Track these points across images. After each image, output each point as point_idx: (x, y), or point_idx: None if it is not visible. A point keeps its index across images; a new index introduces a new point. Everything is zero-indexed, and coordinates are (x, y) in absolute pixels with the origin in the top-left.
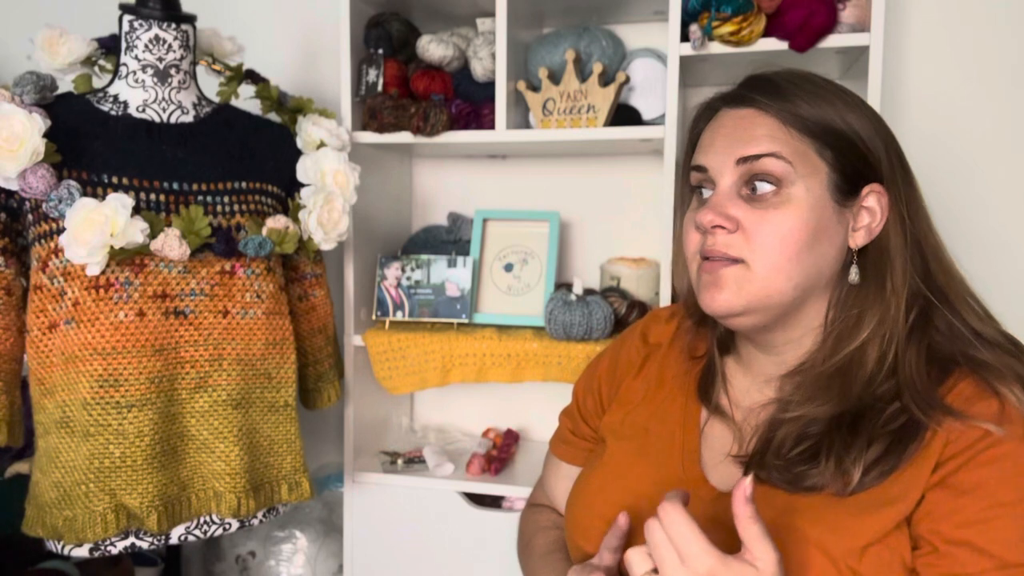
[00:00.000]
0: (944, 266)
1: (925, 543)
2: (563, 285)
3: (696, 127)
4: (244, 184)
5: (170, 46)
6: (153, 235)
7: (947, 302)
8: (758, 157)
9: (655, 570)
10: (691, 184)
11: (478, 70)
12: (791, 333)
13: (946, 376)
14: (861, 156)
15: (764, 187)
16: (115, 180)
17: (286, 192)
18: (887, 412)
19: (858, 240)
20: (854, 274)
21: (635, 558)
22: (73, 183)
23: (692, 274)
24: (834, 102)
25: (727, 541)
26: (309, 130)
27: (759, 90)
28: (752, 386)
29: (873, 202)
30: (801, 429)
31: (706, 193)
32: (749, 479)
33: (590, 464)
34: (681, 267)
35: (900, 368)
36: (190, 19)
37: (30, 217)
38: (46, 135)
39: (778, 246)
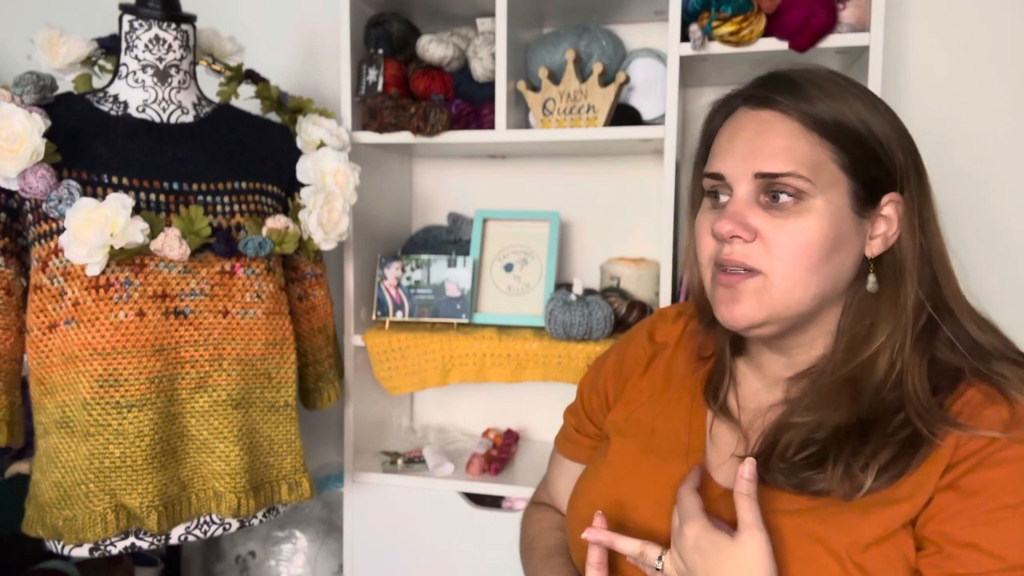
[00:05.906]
0: (949, 277)
1: (930, 544)
2: (563, 285)
3: (711, 123)
4: (244, 184)
5: (170, 46)
6: (153, 235)
7: (952, 313)
8: (776, 176)
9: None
10: (704, 188)
11: (478, 70)
12: (804, 337)
13: (955, 384)
14: (880, 164)
15: (785, 197)
16: (115, 180)
17: (286, 192)
18: (894, 422)
19: (874, 249)
20: (871, 283)
21: (647, 550)
22: (73, 183)
23: (706, 282)
24: (854, 103)
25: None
26: (309, 130)
27: (780, 90)
28: (761, 387)
29: (891, 211)
30: (806, 435)
31: (722, 197)
32: (750, 460)
33: (594, 461)
34: (691, 267)
35: (904, 380)
36: (190, 19)
37: (30, 217)
38: (46, 135)
39: (797, 257)
